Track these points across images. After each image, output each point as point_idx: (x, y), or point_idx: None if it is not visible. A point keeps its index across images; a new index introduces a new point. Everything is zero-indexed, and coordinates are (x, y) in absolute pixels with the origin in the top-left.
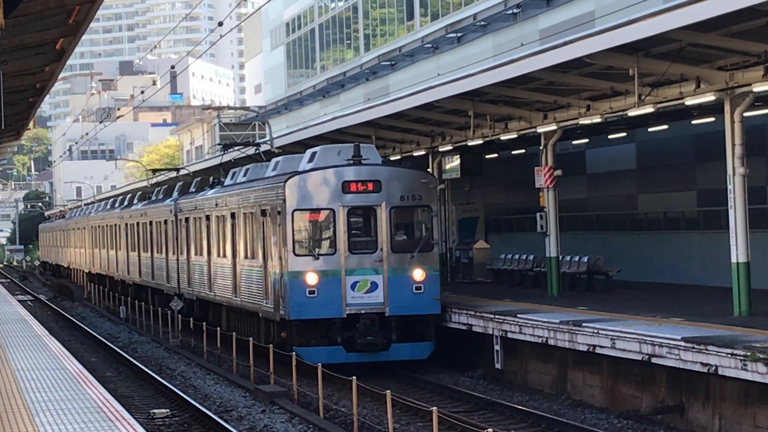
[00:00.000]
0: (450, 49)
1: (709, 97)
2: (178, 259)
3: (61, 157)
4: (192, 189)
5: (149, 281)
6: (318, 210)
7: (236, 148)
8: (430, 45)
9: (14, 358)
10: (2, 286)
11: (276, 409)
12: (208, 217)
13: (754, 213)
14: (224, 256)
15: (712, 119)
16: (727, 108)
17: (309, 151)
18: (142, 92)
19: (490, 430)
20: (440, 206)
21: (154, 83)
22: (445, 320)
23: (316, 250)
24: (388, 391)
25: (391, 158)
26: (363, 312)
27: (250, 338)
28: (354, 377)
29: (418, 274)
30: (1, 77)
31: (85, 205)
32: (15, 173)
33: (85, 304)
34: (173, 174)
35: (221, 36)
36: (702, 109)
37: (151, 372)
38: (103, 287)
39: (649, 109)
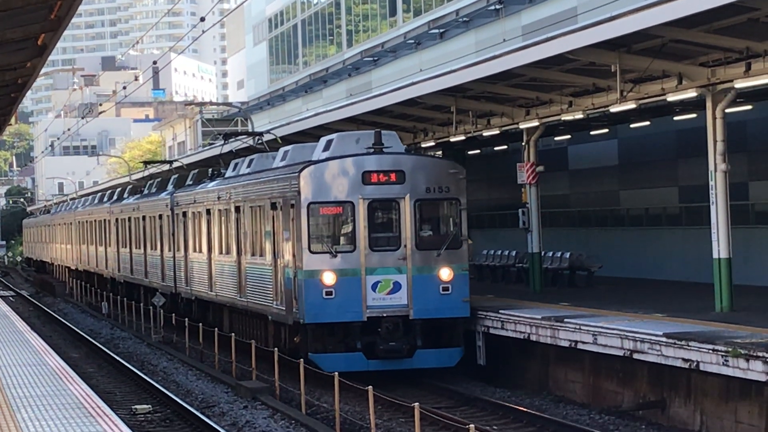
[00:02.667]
0: (432, 45)
1: (691, 94)
2: (174, 257)
3: (43, 152)
4: (189, 182)
5: (142, 279)
6: (336, 203)
7: (238, 137)
8: (412, 41)
9: None
10: None
11: (258, 405)
12: (209, 211)
13: (736, 209)
14: (227, 253)
15: (693, 115)
16: (708, 104)
17: (324, 139)
18: (125, 88)
19: (472, 426)
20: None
21: (137, 79)
22: None
23: (334, 247)
24: (369, 388)
25: None
26: (385, 315)
27: (252, 341)
28: (336, 373)
29: (446, 274)
30: None
31: (70, 199)
32: None
33: (67, 300)
34: (166, 167)
35: (203, 32)
36: (684, 106)
37: (133, 368)
38: (91, 285)
39: (631, 105)
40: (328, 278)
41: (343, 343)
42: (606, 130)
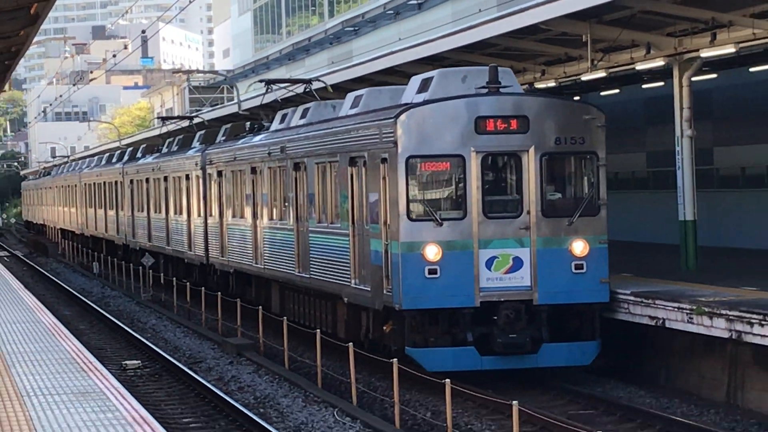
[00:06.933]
0: (411, 16)
1: (659, 63)
2: (206, 222)
3: (36, 118)
4: (221, 137)
5: (164, 247)
6: (442, 157)
7: (282, 85)
8: (392, 11)
9: None
10: None
11: (243, 361)
12: (254, 170)
13: (701, 174)
14: (281, 219)
15: (661, 84)
16: (675, 73)
17: (418, 78)
18: (114, 56)
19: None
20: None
21: (126, 47)
22: None
23: (438, 213)
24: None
25: None
26: (503, 300)
27: (317, 331)
28: (318, 330)
29: (579, 248)
30: None
31: (72, 161)
32: None
33: (59, 260)
34: (185, 123)
35: (190, 1)
36: (652, 74)
37: (124, 325)
38: (99, 252)
39: (601, 74)
40: (432, 252)
41: (449, 334)
42: (577, 98)
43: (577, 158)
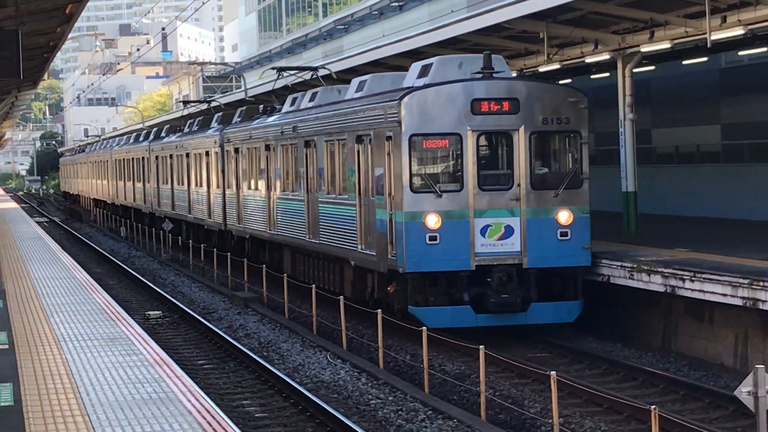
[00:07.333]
0: (393, 16)
1: (605, 56)
2: (224, 193)
3: (71, 103)
4: (237, 119)
5: (185, 215)
6: (442, 135)
7: (292, 72)
8: (377, 12)
9: (33, 269)
10: (22, 209)
11: (250, 311)
12: (268, 147)
13: (641, 152)
14: (292, 190)
15: (607, 74)
16: (619, 65)
17: (418, 65)
18: (138, 50)
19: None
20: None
21: (148, 42)
22: None
23: (438, 185)
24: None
25: None
26: (496, 264)
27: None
28: (314, 285)
29: (564, 217)
30: (20, 36)
31: (103, 139)
32: (33, 117)
33: (91, 226)
34: (204, 107)
35: (203, 3)
36: (599, 66)
37: (147, 281)
38: (128, 219)
39: (555, 66)
40: (432, 221)
41: (447, 295)
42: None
43: (563, 136)
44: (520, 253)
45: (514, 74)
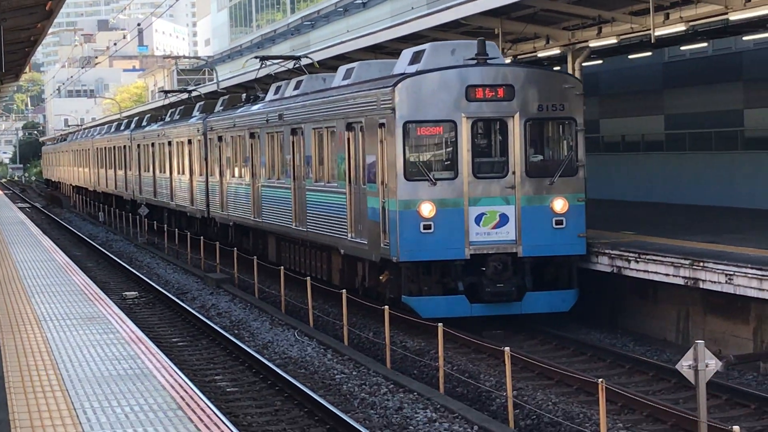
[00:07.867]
0: (357, 12)
1: (556, 51)
2: (207, 181)
3: (51, 95)
4: (219, 107)
5: (167, 202)
6: (436, 122)
7: (276, 61)
8: (342, 9)
9: (15, 252)
10: (5, 196)
11: (222, 292)
12: (252, 135)
13: (590, 140)
14: (278, 178)
15: (558, 68)
16: (569, 59)
17: (409, 51)
18: (116, 44)
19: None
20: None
21: (125, 37)
22: None
23: (432, 173)
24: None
25: None
26: (491, 253)
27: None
28: (282, 267)
29: (559, 205)
30: (2, 32)
31: (84, 129)
32: (15, 108)
33: (71, 211)
34: (184, 96)
35: (177, 0)
36: (551, 60)
37: (124, 263)
38: (109, 206)
39: (508, 61)
40: (426, 210)
41: (442, 284)
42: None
43: (558, 123)
44: (515, 242)
45: (507, 61)
